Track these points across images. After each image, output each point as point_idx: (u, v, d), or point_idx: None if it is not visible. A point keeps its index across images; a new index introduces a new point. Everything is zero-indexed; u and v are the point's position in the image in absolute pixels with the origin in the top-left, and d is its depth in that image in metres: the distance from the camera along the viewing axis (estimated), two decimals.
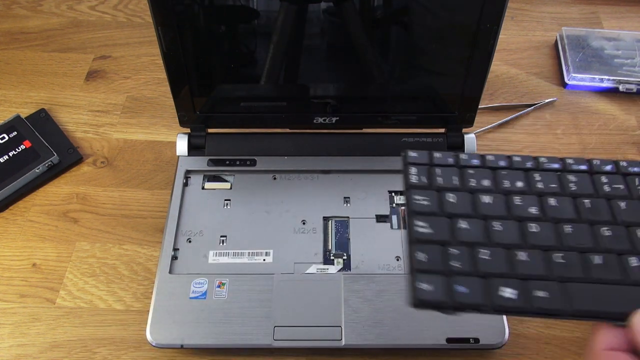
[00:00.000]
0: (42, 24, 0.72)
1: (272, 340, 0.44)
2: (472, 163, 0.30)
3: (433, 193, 0.29)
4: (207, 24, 0.46)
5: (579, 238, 0.27)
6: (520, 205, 0.28)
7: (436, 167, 0.30)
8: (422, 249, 0.27)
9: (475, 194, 0.29)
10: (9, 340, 0.47)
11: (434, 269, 0.27)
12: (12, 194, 0.55)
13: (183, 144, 0.54)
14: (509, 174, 0.29)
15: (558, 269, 0.26)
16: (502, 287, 0.26)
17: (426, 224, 0.28)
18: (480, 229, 0.28)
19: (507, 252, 0.27)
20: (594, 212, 0.28)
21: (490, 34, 0.46)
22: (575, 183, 0.29)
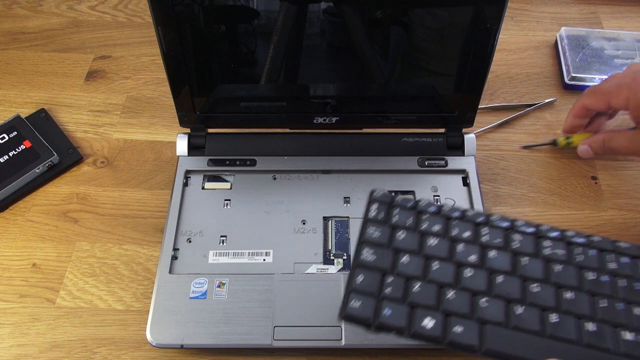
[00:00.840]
0: (42, 24, 0.72)
1: (272, 340, 0.44)
2: (428, 210, 0.33)
3: (386, 229, 0.32)
4: (207, 24, 0.46)
5: (508, 289, 0.30)
6: (461, 252, 0.31)
7: (395, 208, 0.33)
8: (362, 272, 0.30)
9: (424, 236, 0.32)
10: (9, 340, 0.47)
11: (367, 291, 0.30)
12: (12, 194, 0.55)
13: (183, 144, 0.54)
14: (460, 224, 0.32)
15: (481, 311, 0.29)
16: (424, 318, 0.29)
17: (372, 252, 0.31)
18: (420, 266, 0.31)
19: (438, 289, 0.30)
20: (528, 269, 0.31)
21: (490, 34, 0.46)
22: (519, 242, 0.32)
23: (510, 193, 0.57)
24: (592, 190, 0.57)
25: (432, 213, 0.33)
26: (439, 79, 0.51)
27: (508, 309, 0.29)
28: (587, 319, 0.29)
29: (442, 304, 0.29)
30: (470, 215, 0.33)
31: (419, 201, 0.34)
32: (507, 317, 0.29)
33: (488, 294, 0.30)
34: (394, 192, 0.52)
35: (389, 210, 0.33)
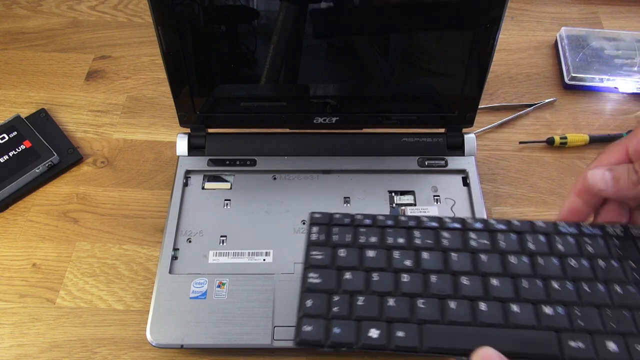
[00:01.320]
0: (42, 24, 0.72)
1: (272, 340, 0.44)
2: (364, 223, 0.34)
3: (328, 249, 0.33)
4: (207, 24, 0.46)
5: (441, 287, 0.32)
6: (397, 259, 0.33)
7: (334, 227, 0.34)
8: (310, 296, 0.32)
9: (363, 250, 0.33)
10: (9, 340, 0.47)
11: (317, 313, 0.31)
12: (12, 194, 0.55)
13: (183, 144, 0.54)
14: (394, 232, 0.34)
15: (419, 312, 0.31)
16: (370, 329, 0.30)
17: (317, 275, 0.32)
18: (362, 280, 0.32)
19: (380, 299, 0.31)
20: (457, 264, 0.33)
21: (490, 34, 0.46)
22: (447, 239, 0.34)
23: (510, 193, 0.57)
24: None
25: (368, 225, 0.34)
26: (439, 79, 0.51)
27: (443, 306, 0.31)
28: (512, 301, 0.31)
29: (384, 313, 0.31)
30: (402, 221, 0.35)
31: (354, 216, 0.35)
32: (442, 314, 0.31)
33: (424, 295, 0.32)
34: (393, 192, 0.52)
35: (329, 230, 0.35)
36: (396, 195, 0.52)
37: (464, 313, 0.31)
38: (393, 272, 0.32)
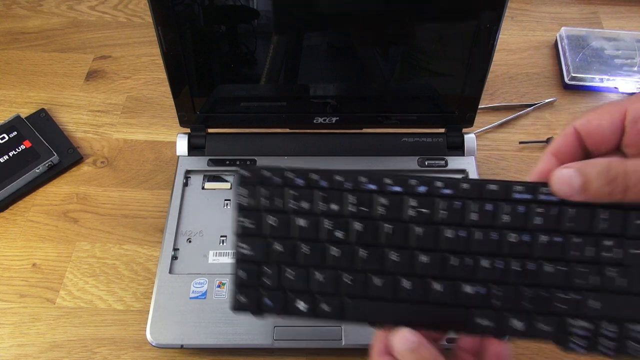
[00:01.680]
0: (42, 24, 0.72)
1: (272, 340, 0.44)
2: (295, 183, 0.32)
3: (256, 214, 0.32)
4: (207, 24, 0.46)
5: (370, 262, 0.30)
6: (329, 230, 0.31)
7: (263, 187, 0.32)
8: (242, 267, 0.32)
9: (293, 217, 0.31)
10: (9, 340, 0.47)
11: (249, 284, 0.32)
12: (12, 194, 0.55)
13: (183, 144, 0.54)
14: (328, 195, 0.31)
15: (345, 288, 0.30)
16: (297, 300, 0.31)
17: (247, 246, 0.31)
18: (291, 251, 0.31)
19: (308, 272, 0.31)
20: (389, 237, 0.30)
21: (490, 34, 0.46)
22: (384, 206, 0.31)
23: None
24: None
25: (302, 187, 0.32)
26: (439, 79, 0.51)
27: (367, 282, 0.30)
28: (436, 279, 0.30)
29: (312, 286, 0.31)
30: (337, 182, 0.31)
31: (285, 173, 0.32)
32: (366, 289, 0.30)
33: (351, 270, 0.31)
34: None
35: (257, 191, 0.32)
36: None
37: (388, 289, 0.30)
38: (322, 243, 0.31)
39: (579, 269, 0.29)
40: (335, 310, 0.31)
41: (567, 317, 0.29)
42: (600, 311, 0.29)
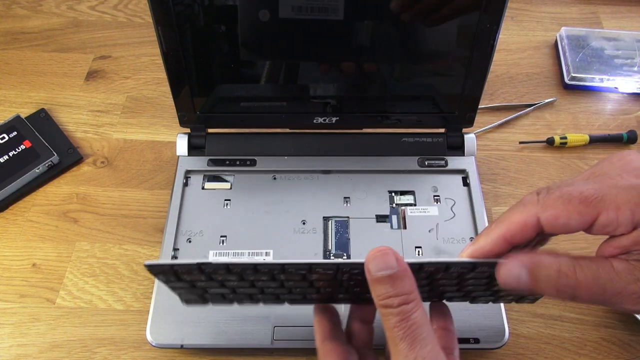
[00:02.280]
0: (42, 24, 0.72)
1: (272, 341, 0.44)
2: (219, 272, 0.34)
3: (185, 283, 0.35)
4: (207, 24, 0.46)
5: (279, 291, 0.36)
6: (261, 285, 0.36)
7: (182, 275, 0.34)
8: (184, 296, 0.38)
9: (225, 283, 0.35)
10: (9, 340, 0.47)
11: (195, 300, 0.38)
12: (12, 194, 0.55)
13: (183, 144, 0.54)
14: (255, 275, 0.34)
15: (282, 296, 0.37)
16: (244, 302, 0.38)
17: (184, 292, 0.37)
18: (229, 291, 0.36)
19: (248, 296, 0.37)
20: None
21: (490, 34, 0.46)
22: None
23: (510, 193, 0.57)
24: None
25: (221, 273, 0.34)
26: (439, 79, 0.51)
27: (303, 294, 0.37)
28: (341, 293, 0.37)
29: (254, 299, 0.38)
30: (262, 268, 0.35)
31: (202, 266, 0.34)
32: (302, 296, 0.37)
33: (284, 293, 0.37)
34: (393, 192, 0.52)
35: (177, 275, 0.34)
36: (396, 195, 0.52)
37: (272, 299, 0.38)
38: (258, 288, 0.36)
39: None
40: (277, 303, 0.39)
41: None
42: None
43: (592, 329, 0.48)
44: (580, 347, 0.48)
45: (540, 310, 0.49)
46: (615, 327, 0.48)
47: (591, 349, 0.47)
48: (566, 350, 0.47)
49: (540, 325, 0.49)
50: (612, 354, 0.47)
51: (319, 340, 0.36)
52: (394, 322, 0.30)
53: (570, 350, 0.47)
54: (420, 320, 0.30)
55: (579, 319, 0.49)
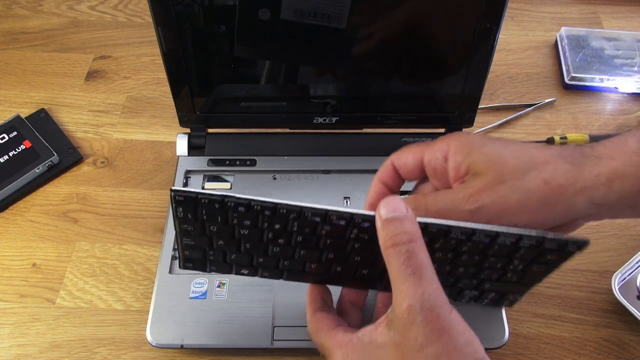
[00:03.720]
0: (42, 24, 0.72)
1: (271, 341, 0.44)
2: (238, 210, 0.35)
3: (198, 224, 0.36)
4: (207, 24, 0.46)
5: (283, 252, 0.38)
6: (271, 238, 0.37)
7: (202, 208, 0.35)
8: (187, 249, 0.38)
9: (236, 227, 0.36)
10: (9, 340, 0.47)
11: (196, 258, 0.39)
12: (12, 194, 0.55)
13: (183, 144, 0.54)
14: (270, 218, 0.36)
15: (283, 266, 0.39)
16: (242, 270, 0.39)
17: (191, 240, 0.37)
18: (234, 245, 0.37)
19: (250, 256, 0.38)
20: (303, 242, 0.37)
21: (490, 34, 0.46)
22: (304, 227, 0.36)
23: None
24: None
25: (241, 211, 0.35)
26: (439, 79, 0.51)
27: (304, 265, 0.39)
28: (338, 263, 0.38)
29: (254, 264, 0.39)
30: (281, 213, 0.36)
31: (225, 199, 0.35)
32: (303, 269, 0.39)
33: (288, 258, 0.38)
34: None
35: (196, 209, 0.35)
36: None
37: (297, 267, 0.39)
38: (260, 242, 0.37)
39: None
40: (275, 275, 0.39)
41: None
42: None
43: (592, 329, 0.48)
44: (580, 347, 0.47)
45: (540, 310, 0.49)
46: (615, 327, 0.48)
47: (591, 349, 0.47)
48: (566, 350, 0.47)
49: (540, 325, 0.49)
50: (612, 354, 0.47)
51: (310, 313, 0.38)
52: (402, 260, 0.31)
53: (570, 350, 0.47)
54: (426, 260, 0.31)
55: (579, 319, 0.49)
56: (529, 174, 0.33)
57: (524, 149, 0.35)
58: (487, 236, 0.34)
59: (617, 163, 0.32)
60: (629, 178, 0.31)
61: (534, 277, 0.38)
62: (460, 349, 0.30)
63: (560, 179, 0.32)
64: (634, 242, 0.53)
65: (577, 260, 0.52)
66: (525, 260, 0.36)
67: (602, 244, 0.53)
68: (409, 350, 0.30)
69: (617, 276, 0.48)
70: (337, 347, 0.34)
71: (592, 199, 0.32)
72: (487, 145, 0.36)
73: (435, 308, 0.30)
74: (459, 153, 0.36)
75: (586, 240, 0.34)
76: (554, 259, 0.36)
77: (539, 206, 0.33)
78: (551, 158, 0.33)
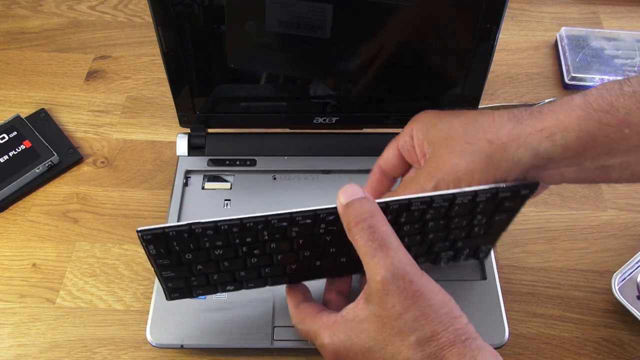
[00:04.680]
0: (42, 24, 0.72)
1: (272, 341, 0.44)
2: (206, 233, 0.36)
3: (173, 256, 0.37)
4: (207, 24, 0.46)
5: (261, 261, 0.39)
6: (245, 251, 0.38)
7: (171, 241, 0.36)
8: (169, 281, 0.39)
9: (209, 250, 0.37)
10: (9, 340, 0.47)
11: (180, 288, 0.40)
12: (12, 194, 0.55)
13: (183, 144, 0.54)
14: (240, 234, 0.36)
15: (266, 274, 0.40)
16: (227, 287, 0.41)
17: (170, 272, 0.38)
18: (214, 267, 0.38)
19: (231, 273, 0.39)
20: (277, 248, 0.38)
21: (490, 34, 0.46)
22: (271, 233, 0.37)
23: None
24: (592, 190, 0.57)
25: (210, 234, 0.36)
26: (439, 78, 0.51)
27: (284, 269, 0.40)
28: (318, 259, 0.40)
29: (236, 281, 0.40)
30: (248, 226, 0.36)
31: (192, 226, 0.35)
32: (284, 274, 0.41)
33: (269, 265, 0.39)
34: None
35: (167, 243, 0.36)
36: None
37: (279, 271, 0.40)
38: (238, 258, 0.38)
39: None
40: (260, 283, 0.41)
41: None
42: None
43: (592, 329, 0.48)
44: (580, 347, 0.48)
45: (540, 310, 0.49)
46: (615, 327, 0.48)
47: (591, 349, 0.47)
48: (566, 350, 0.47)
49: (540, 325, 0.49)
50: (612, 354, 0.47)
51: (293, 306, 0.39)
52: (366, 237, 0.33)
53: (570, 350, 0.47)
54: (389, 231, 0.33)
55: (579, 319, 0.49)
56: (475, 137, 0.36)
57: (473, 116, 0.37)
58: (445, 200, 0.36)
59: (560, 116, 0.33)
60: (572, 131, 0.33)
61: (499, 226, 0.41)
62: (436, 310, 0.31)
63: (503, 137, 0.34)
64: (634, 242, 0.53)
65: (577, 260, 0.52)
66: (487, 213, 0.38)
67: (602, 244, 0.53)
68: (388, 319, 0.31)
69: (617, 276, 0.48)
70: (323, 329, 0.35)
71: (535, 152, 0.34)
72: (441, 120, 0.39)
73: (407, 274, 0.31)
74: (419, 131, 0.40)
75: (536, 181, 0.36)
76: (512, 205, 0.38)
77: (487, 165, 0.35)
78: (497, 120, 0.36)
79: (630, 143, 0.32)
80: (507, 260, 0.52)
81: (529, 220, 0.55)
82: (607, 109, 0.32)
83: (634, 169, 0.33)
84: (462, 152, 0.36)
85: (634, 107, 0.31)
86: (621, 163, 0.33)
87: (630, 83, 0.32)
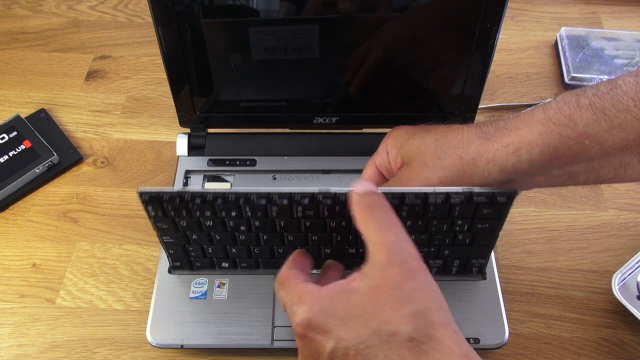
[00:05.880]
0: (42, 24, 0.72)
1: (271, 341, 0.44)
2: (195, 201, 0.39)
3: (169, 220, 0.40)
4: (207, 24, 0.46)
5: (269, 240, 0.42)
6: (232, 226, 0.41)
7: (166, 203, 0.39)
8: (170, 248, 0.43)
9: (201, 219, 0.40)
10: (9, 340, 0.47)
11: (180, 256, 0.44)
12: (12, 194, 0.55)
13: (183, 144, 0.54)
14: (225, 205, 0.39)
15: (256, 254, 0.44)
16: (222, 263, 0.45)
17: (169, 237, 0.42)
18: (206, 238, 0.42)
19: (224, 248, 0.43)
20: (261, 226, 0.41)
21: (490, 34, 0.46)
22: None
23: None
24: (592, 190, 0.57)
25: (198, 203, 0.39)
26: (439, 79, 0.51)
27: (271, 251, 0.44)
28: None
29: (228, 254, 0.44)
30: (230, 196, 0.39)
31: (182, 193, 0.38)
32: (272, 255, 0.44)
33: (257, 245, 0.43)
34: None
35: (162, 206, 0.39)
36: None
37: (266, 252, 0.43)
38: (230, 232, 0.41)
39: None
40: (251, 265, 0.44)
41: None
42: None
43: (592, 329, 0.48)
44: (580, 347, 0.48)
45: (540, 310, 0.49)
46: (615, 327, 0.49)
47: (591, 349, 0.47)
48: (566, 350, 0.47)
49: (540, 325, 0.49)
50: (612, 354, 0.47)
51: (285, 268, 0.37)
52: (382, 218, 0.34)
53: (570, 350, 0.47)
54: (390, 209, 0.34)
55: (579, 319, 0.49)
56: (446, 152, 0.37)
57: (444, 132, 0.39)
58: (417, 197, 0.37)
59: (523, 132, 0.35)
60: (535, 146, 0.34)
61: (485, 236, 0.41)
62: (434, 289, 0.32)
63: (473, 153, 0.36)
64: (634, 242, 0.53)
65: (577, 260, 0.53)
66: (466, 219, 0.39)
67: (602, 244, 0.53)
68: (385, 287, 0.31)
69: (617, 276, 0.48)
70: (306, 295, 0.33)
71: (503, 167, 0.35)
72: (414, 136, 0.41)
73: (412, 253, 0.32)
74: (393, 147, 0.42)
75: (514, 190, 0.37)
76: (491, 213, 0.39)
77: (457, 179, 0.37)
78: (466, 136, 0.37)
79: (591, 152, 0.33)
80: (507, 260, 0.52)
81: (529, 220, 0.55)
82: (565, 123, 0.33)
83: (599, 172, 0.35)
84: (434, 166, 0.38)
85: (591, 119, 0.32)
86: (586, 168, 0.35)
87: (586, 94, 0.33)
